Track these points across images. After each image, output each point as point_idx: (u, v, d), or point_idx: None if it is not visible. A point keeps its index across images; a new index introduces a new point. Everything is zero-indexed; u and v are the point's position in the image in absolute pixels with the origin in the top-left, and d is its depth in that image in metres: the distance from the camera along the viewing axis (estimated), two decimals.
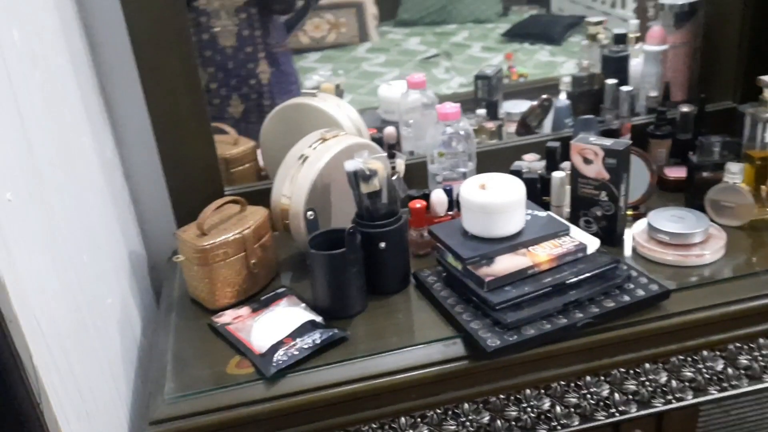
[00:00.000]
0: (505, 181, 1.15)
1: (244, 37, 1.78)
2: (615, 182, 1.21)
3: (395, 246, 1.16)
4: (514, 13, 5.01)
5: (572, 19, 4.52)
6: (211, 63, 1.79)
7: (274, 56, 1.86)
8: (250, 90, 1.86)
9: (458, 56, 4.30)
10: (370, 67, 4.25)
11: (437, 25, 4.87)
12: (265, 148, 1.52)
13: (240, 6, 1.77)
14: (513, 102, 1.84)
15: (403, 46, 4.54)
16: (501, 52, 4.26)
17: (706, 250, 1.18)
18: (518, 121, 1.69)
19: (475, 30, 4.75)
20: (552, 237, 1.15)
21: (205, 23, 1.74)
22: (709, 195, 1.27)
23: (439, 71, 4.09)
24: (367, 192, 1.13)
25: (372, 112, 1.79)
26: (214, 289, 1.15)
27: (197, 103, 1.32)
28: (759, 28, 1.50)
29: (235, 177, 1.52)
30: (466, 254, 1.10)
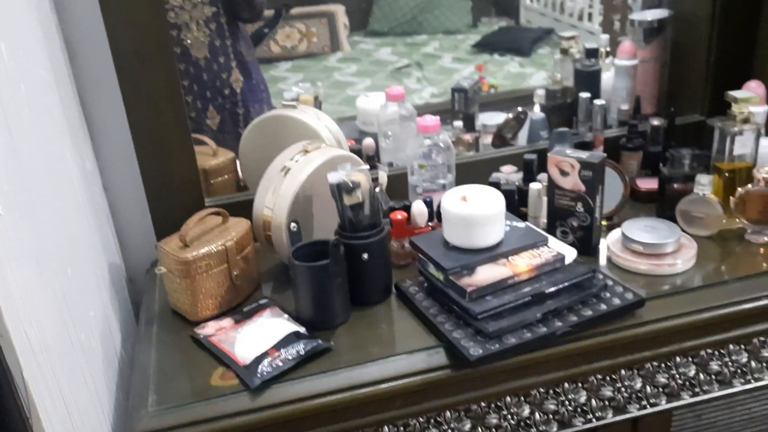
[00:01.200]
0: (485, 193, 1.18)
1: (217, 48, 1.79)
2: (591, 194, 1.24)
3: (378, 257, 1.17)
4: (484, 24, 5.08)
5: (540, 31, 4.61)
6: (185, 76, 1.79)
7: (246, 65, 1.87)
8: (224, 100, 1.86)
9: (429, 67, 4.35)
10: (342, 77, 4.27)
11: (408, 35, 4.92)
12: (245, 159, 1.52)
13: (209, 17, 1.78)
14: (488, 114, 1.87)
15: (374, 56, 4.57)
16: (471, 63, 4.32)
17: (678, 260, 1.22)
18: (494, 133, 1.72)
19: (446, 41, 4.81)
20: (531, 247, 1.18)
21: (177, 36, 1.74)
22: (680, 206, 1.31)
23: (411, 81, 4.13)
24: (350, 204, 1.15)
25: (350, 123, 1.81)
26: (197, 300, 1.15)
27: (178, 115, 1.32)
28: (725, 44, 1.56)
29: (215, 188, 1.52)
30: (448, 265, 1.12)
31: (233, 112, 1.80)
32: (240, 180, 1.57)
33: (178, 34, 1.77)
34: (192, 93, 1.82)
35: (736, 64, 1.57)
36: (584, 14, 4.35)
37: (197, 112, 1.83)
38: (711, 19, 1.56)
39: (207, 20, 1.78)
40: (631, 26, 1.74)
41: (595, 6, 4.21)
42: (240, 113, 1.83)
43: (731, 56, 1.57)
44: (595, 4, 4.20)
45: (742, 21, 1.55)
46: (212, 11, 1.79)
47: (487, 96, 3.92)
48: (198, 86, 1.82)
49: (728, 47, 1.56)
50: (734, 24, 1.55)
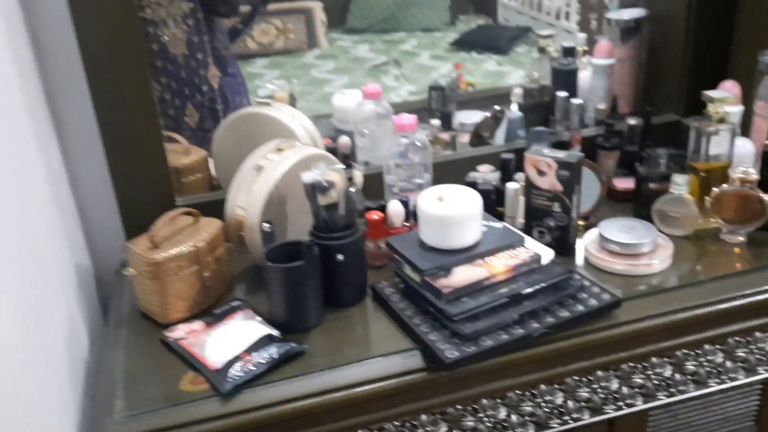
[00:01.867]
0: (462, 193, 1.16)
1: (194, 44, 1.76)
2: (568, 194, 1.24)
3: (353, 258, 1.15)
4: (462, 22, 5.08)
5: (518, 30, 4.61)
6: (163, 73, 1.76)
7: (223, 60, 1.84)
8: (203, 97, 1.83)
9: (407, 64, 4.32)
10: (319, 74, 4.23)
11: (386, 32, 4.89)
12: (218, 157, 1.50)
13: (186, 12, 1.74)
14: (466, 113, 1.86)
15: (352, 53, 4.54)
16: (449, 61, 4.31)
17: (654, 260, 1.22)
18: (471, 132, 1.71)
19: (424, 38, 4.79)
20: (508, 248, 1.17)
21: (154, 33, 1.70)
22: (656, 205, 1.31)
23: (389, 79, 4.10)
24: (325, 204, 1.13)
25: (326, 121, 1.79)
26: (167, 303, 1.12)
27: (148, 111, 1.28)
28: (701, 44, 1.56)
29: (187, 187, 1.49)
30: (424, 266, 1.11)
31: (212, 109, 1.77)
32: (213, 179, 1.54)
33: (155, 30, 1.74)
34: (170, 91, 1.79)
35: (711, 64, 1.57)
36: (561, 13, 4.36)
37: (175, 110, 1.80)
38: (686, 18, 1.56)
39: (184, 16, 1.75)
40: (607, 25, 1.74)
41: (572, 5, 4.22)
42: (219, 109, 1.80)
43: (707, 56, 1.57)
44: (572, 3, 4.21)
45: (718, 21, 1.56)
46: (189, 7, 1.76)
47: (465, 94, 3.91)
48: (176, 84, 1.79)
49: (704, 47, 1.57)
50: (709, 24, 1.55)
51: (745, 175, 1.22)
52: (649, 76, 1.71)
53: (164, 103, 1.79)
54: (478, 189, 1.34)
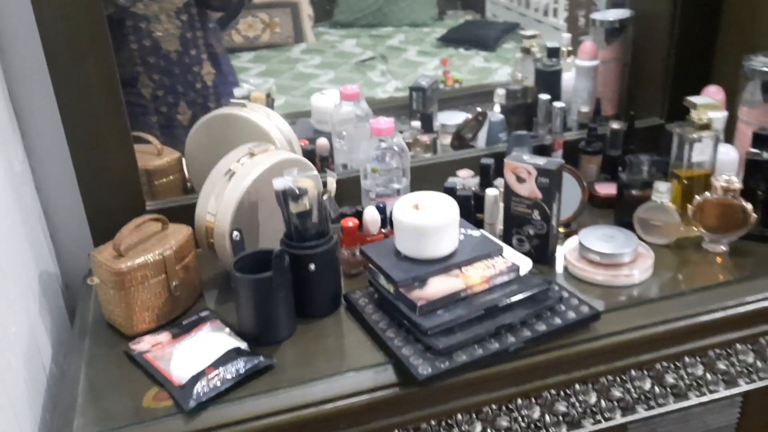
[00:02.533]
0: (438, 201, 1.13)
1: (188, 40, 1.72)
2: (547, 201, 1.21)
3: (325, 267, 1.12)
4: (450, 17, 5.04)
5: (506, 25, 4.59)
6: (156, 70, 1.72)
7: (216, 57, 1.81)
8: (196, 94, 1.79)
9: (394, 60, 4.29)
10: (305, 69, 4.19)
11: (373, 27, 4.86)
12: (191, 159, 1.45)
13: (180, 7, 1.71)
14: (448, 113, 1.83)
15: (338, 48, 4.50)
16: (436, 57, 4.28)
17: (635, 270, 1.19)
18: (453, 133, 1.68)
19: (411, 33, 4.76)
20: (485, 257, 1.13)
21: (146, 28, 1.67)
22: (637, 213, 1.29)
23: (375, 74, 4.07)
24: (297, 212, 1.09)
25: (304, 121, 1.75)
26: (132, 313, 1.08)
27: (115, 111, 1.24)
28: (685, 47, 1.54)
29: (159, 190, 1.44)
30: (399, 276, 1.07)
31: (205, 107, 1.73)
32: (187, 181, 1.50)
33: (147, 26, 1.70)
34: (163, 87, 1.76)
35: (696, 68, 1.55)
36: (549, 10, 4.34)
37: (168, 107, 1.77)
38: (671, 20, 1.53)
39: (178, 11, 1.71)
40: (592, 26, 1.71)
41: (560, 2, 4.19)
42: (212, 107, 1.77)
43: (691, 59, 1.55)
44: (560, 0, 4.19)
45: (702, 24, 1.53)
46: (183, 2, 1.72)
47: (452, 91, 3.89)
48: (169, 80, 1.75)
49: (688, 50, 1.54)
50: (694, 27, 1.53)
51: (727, 184, 1.20)
52: (633, 79, 1.68)
53: (157, 101, 1.76)
54: (456, 195, 1.31)
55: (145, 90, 1.75)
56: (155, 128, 1.82)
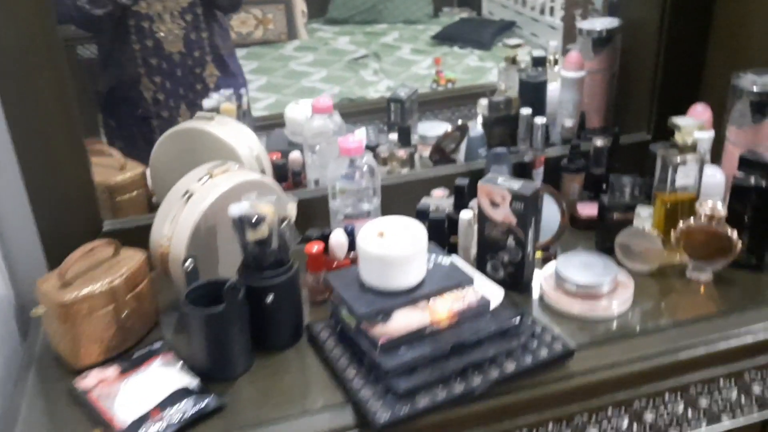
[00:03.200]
0: (405, 228, 1.07)
1: (192, 41, 1.68)
2: (522, 228, 1.14)
3: (285, 298, 1.06)
4: (445, 15, 4.98)
5: (502, 24, 4.52)
6: (157, 72, 1.67)
7: (221, 58, 1.76)
8: (196, 96, 1.73)
9: (387, 58, 4.23)
10: (297, 66, 4.12)
11: (367, 24, 4.80)
12: (156, 174, 1.39)
13: (185, 7, 1.66)
14: (429, 124, 1.76)
15: (332, 45, 4.44)
16: (430, 55, 4.22)
17: (613, 301, 1.13)
18: (432, 146, 1.61)
19: (405, 31, 4.70)
20: (454, 288, 1.07)
21: (149, 28, 1.62)
22: (618, 238, 1.23)
23: (368, 73, 4.00)
24: (254, 239, 1.03)
25: (279, 132, 1.68)
26: (78, 346, 1.02)
27: (70, 126, 1.18)
28: (673, 61, 1.47)
29: (122, 206, 1.38)
30: (362, 310, 1.01)
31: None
32: (153, 195, 1.44)
33: (149, 26, 1.65)
34: (164, 90, 1.71)
35: (684, 83, 1.49)
36: (546, 8, 4.27)
37: (169, 111, 1.73)
38: (658, 31, 1.46)
39: (182, 11, 1.66)
40: (579, 35, 1.64)
41: (556, 0, 4.13)
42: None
43: (679, 74, 1.48)
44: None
45: (691, 36, 1.47)
46: (188, 1, 1.67)
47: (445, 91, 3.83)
48: (170, 83, 1.71)
49: (676, 64, 1.48)
50: (682, 39, 1.46)
51: (711, 211, 1.14)
52: (621, 90, 1.62)
53: (158, 105, 1.72)
54: (429, 218, 1.25)
55: (146, 92, 1.71)
56: (156, 132, 1.77)
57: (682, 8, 1.41)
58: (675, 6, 1.41)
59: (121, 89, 1.72)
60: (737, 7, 1.38)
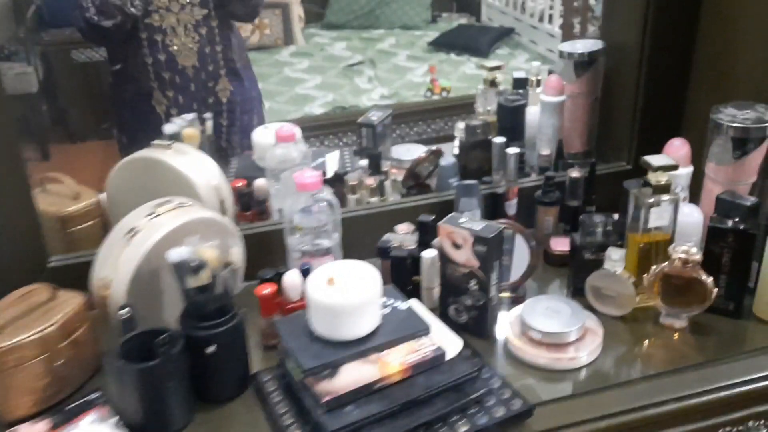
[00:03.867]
0: (358, 274, 1.01)
1: (206, 55, 1.65)
2: (485, 271, 1.08)
3: (228, 348, 1.00)
4: (444, 20, 4.92)
5: (500, 30, 4.45)
6: (170, 86, 1.63)
7: (236, 72, 1.73)
8: (206, 110, 1.68)
9: (383, 64, 4.18)
10: (292, 73, 4.07)
11: (365, 29, 4.75)
12: (112, 204, 1.33)
13: (199, 20, 1.62)
14: (405, 147, 1.70)
15: (328, 51, 4.39)
16: (426, 62, 4.16)
17: (581, 351, 1.07)
18: (406, 171, 1.55)
19: (403, 37, 4.65)
20: (409, 338, 1.01)
21: (161, 42, 1.59)
22: (589, 281, 1.16)
23: (362, 80, 3.95)
24: (195, 286, 0.97)
25: (247, 157, 1.62)
26: (8, 398, 0.96)
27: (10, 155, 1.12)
28: (655, 86, 1.41)
29: (76, 238, 1.32)
30: (308, 363, 0.95)
31: (216, 123, 1.65)
32: (110, 226, 1.38)
33: (163, 39, 1.61)
34: (177, 106, 1.67)
35: (665, 111, 1.42)
36: (545, 15, 4.20)
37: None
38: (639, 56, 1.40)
39: (196, 24, 1.63)
40: (560, 57, 1.58)
41: (555, 7, 4.06)
42: (224, 125, 1.71)
43: (661, 102, 1.42)
44: (555, 6, 4.05)
45: (674, 63, 1.40)
46: (202, 14, 1.63)
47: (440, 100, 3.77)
48: (184, 98, 1.66)
49: (658, 92, 1.41)
50: (664, 65, 1.39)
51: (686, 255, 1.07)
52: (602, 117, 1.55)
53: (170, 119, 1.67)
54: (390, 255, 1.19)
55: (158, 107, 1.67)
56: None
57: (663, 33, 1.35)
58: (656, 31, 1.35)
59: (132, 104, 1.69)
60: (722, 34, 1.31)
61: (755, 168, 1.16)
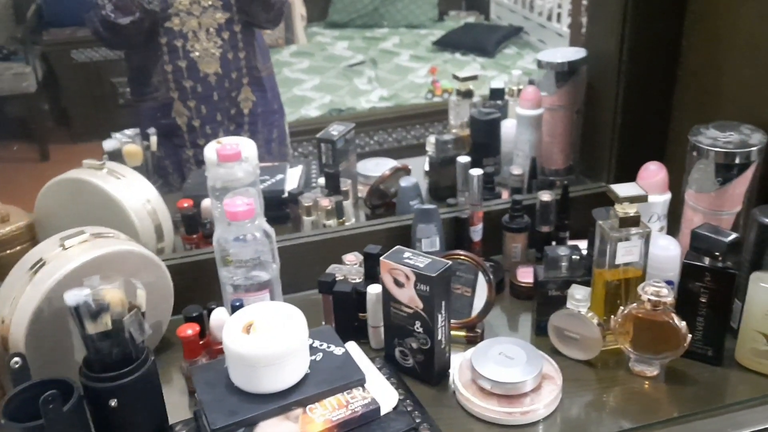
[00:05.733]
0: (279, 318, 0.90)
1: (229, 61, 1.58)
2: (429, 312, 0.97)
3: (136, 400, 0.89)
4: (451, 18, 4.81)
5: (508, 29, 4.33)
6: (191, 95, 1.56)
7: (260, 81, 1.66)
8: (230, 122, 1.63)
9: (384, 64, 4.08)
10: (291, 73, 3.98)
11: (368, 28, 4.66)
12: (42, 227, 1.24)
13: (222, 24, 1.55)
14: (373, 161, 1.59)
15: (329, 51, 4.30)
16: (430, 62, 4.06)
17: (536, 404, 0.95)
18: (368, 189, 1.44)
19: (407, 36, 4.54)
20: (341, 390, 0.90)
21: (182, 47, 1.53)
22: (552, 321, 1.04)
23: (362, 81, 3.85)
24: (96, 332, 0.87)
25: (199, 173, 1.52)
26: None
27: None
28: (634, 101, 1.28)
29: (2, 264, 1.22)
30: (218, 421, 0.85)
31: (236, 135, 1.59)
32: None
33: (183, 44, 1.54)
34: (200, 116, 1.60)
35: (645, 129, 1.29)
36: (553, 14, 4.07)
37: (206, 139, 1.60)
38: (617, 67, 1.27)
39: (219, 28, 1.55)
40: (539, 68, 1.46)
41: (563, 6, 3.94)
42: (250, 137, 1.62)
43: (640, 119, 1.29)
44: (564, 5, 3.93)
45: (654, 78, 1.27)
46: (225, 17, 1.56)
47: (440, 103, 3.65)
48: (206, 108, 1.59)
49: (637, 106, 1.28)
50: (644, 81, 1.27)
51: (656, 297, 0.95)
52: (583, 132, 1.43)
53: (193, 132, 1.60)
54: (334, 290, 1.08)
55: (179, 118, 1.60)
56: (191, 164, 1.63)
57: (643, 43, 1.22)
58: (634, 40, 1.22)
59: (152, 116, 1.61)
60: (707, 49, 1.18)
61: (739, 196, 1.03)
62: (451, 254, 1.09)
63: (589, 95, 1.40)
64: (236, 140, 1.27)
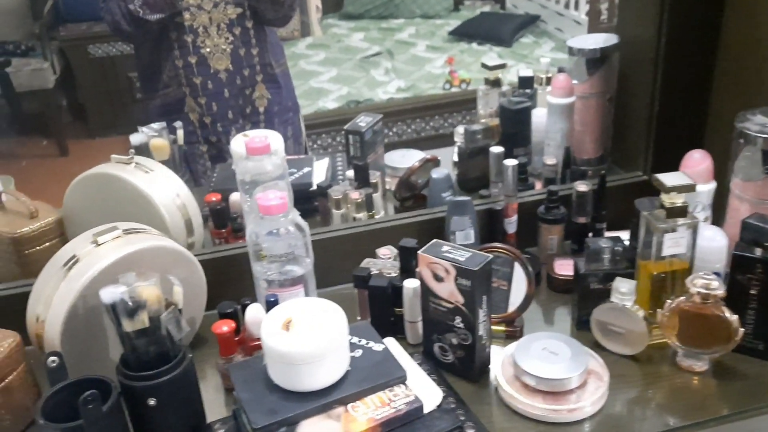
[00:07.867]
0: (318, 315, 0.88)
1: (240, 57, 1.56)
2: (470, 307, 0.94)
3: (173, 399, 0.87)
4: (467, 8, 4.77)
5: (525, 18, 4.28)
6: (203, 92, 1.54)
7: (274, 78, 1.64)
8: (245, 120, 1.61)
9: (401, 55, 4.05)
10: (307, 65, 3.96)
11: (384, 19, 4.63)
12: (71, 223, 1.22)
13: (233, 19, 1.53)
14: (400, 153, 1.56)
15: (345, 42, 4.28)
16: (446, 52, 4.02)
17: (583, 401, 0.92)
18: (397, 181, 1.42)
19: (423, 26, 4.51)
20: (383, 387, 0.88)
21: (192, 43, 1.51)
22: (595, 315, 1.01)
23: (379, 72, 3.82)
24: (133, 330, 0.85)
25: (226, 167, 1.50)
26: None
27: None
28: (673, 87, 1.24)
29: (33, 260, 1.21)
30: (259, 421, 0.83)
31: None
32: None
33: (194, 39, 1.52)
34: (211, 113, 1.58)
35: (685, 115, 1.25)
36: (571, 1, 4.02)
37: (218, 136, 1.60)
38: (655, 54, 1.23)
39: (230, 24, 1.53)
40: (570, 55, 1.42)
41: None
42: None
43: (679, 105, 1.25)
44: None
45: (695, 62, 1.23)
46: (237, 12, 1.54)
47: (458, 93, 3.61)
48: (218, 105, 1.58)
49: (676, 92, 1.24)
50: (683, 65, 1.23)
51: (706, 290, 0.92)
52: (616, 120, 1.40)
53: (205, 129, 1.58)
54: (369, 285, 1.06)
55: (191, 114, 1.58)
56: (204, 159, 1.61)
57: (682, 27, 1.18)
58: (673, 24, 1.18)
59: (163, 113, 1.59)
60: (749, 33, 1.14)
61: None
62: (489, 247, 1.07)
63: (622, 82, 1.37)
64: (264, 133, 1.24)
